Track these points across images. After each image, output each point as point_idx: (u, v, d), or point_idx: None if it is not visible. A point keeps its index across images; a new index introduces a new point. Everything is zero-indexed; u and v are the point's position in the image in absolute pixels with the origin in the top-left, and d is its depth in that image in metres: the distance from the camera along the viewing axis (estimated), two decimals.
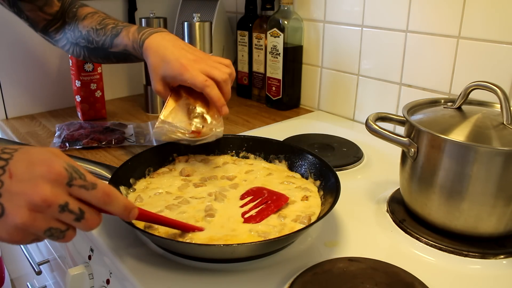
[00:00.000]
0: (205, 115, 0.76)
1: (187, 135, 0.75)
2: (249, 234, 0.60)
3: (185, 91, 0.77)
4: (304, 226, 0.60)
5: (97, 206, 0.45)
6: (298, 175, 0.77)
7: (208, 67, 0.72)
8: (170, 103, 0.76)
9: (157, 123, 0.74)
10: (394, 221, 0.69)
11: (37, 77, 1.19)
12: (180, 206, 0.67)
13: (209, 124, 0.76)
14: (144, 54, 0.76)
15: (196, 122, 0.75)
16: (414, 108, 0.71)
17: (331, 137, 0.99)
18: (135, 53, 0.79)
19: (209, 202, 0.68)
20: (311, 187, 0.72)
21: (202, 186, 0.73)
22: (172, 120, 0.74)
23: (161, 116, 0.74)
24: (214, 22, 1.26)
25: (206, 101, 0.77)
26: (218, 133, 0.76)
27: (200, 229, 0.60)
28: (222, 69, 0.73)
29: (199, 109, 0.76)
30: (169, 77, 0.73)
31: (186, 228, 0.60)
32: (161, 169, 0.78)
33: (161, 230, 0.61)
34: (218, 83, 0.72)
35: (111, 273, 0.64)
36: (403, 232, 0.66)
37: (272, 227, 0.62)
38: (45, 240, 1.11)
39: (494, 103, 0.69)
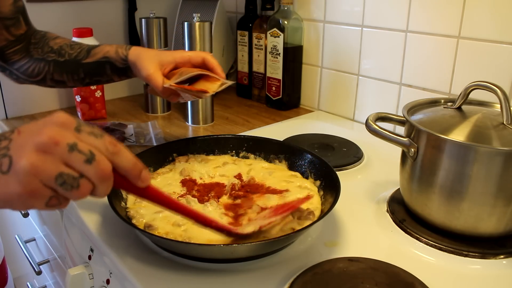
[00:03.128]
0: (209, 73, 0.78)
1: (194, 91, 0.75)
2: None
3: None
4: (304, 226, 0.60)
5: (105, 155, 0.42)
6: (298, 175, 0.77)
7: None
8: (167, 80, 0.77)
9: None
10: (394, 221, 0.69)
11: None
12: None
13: (213, 80, 0.78)
14: (132, 54, 0.81)
15: (201, 83, 0.77)
16: (414, 108, 0.71)
17: (331, 137, 0.99)
18: (116, 57, 0.82)
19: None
20: (311, 187, 0.72)
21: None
22: (183, 76, 0.76)
23: (166, 85, 0.75)
24: (214, 22, 1.26)
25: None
26: (226, 83, 0.78)
27: (234, 231, 0.57)
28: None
29: (196, 71, 0.78)
30: (166, 60, 0.79)
31: (208, 222, 0.55)
32: (161, 169, 0.78)
33: (160, 231, 0.61)
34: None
35: (111, 273, 0.64)
36: (403, 232, 0.66)
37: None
38: (45, 240, 1.11)
39: (494, 103, 0.69)
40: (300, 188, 0.72)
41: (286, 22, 1.13)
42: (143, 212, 0.65)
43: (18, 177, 0.39)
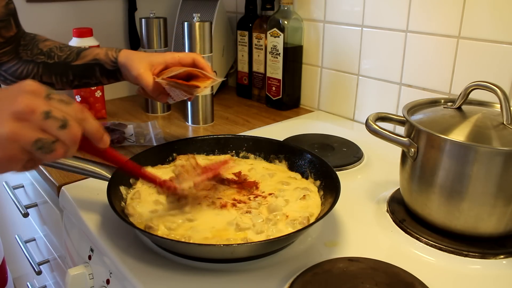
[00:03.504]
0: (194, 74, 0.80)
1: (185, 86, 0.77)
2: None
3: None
4: (304, 226, 0.60)
5: (75, 120, 0.46)
6: (298, 175, 0.77)
7: None
8: (157, 77, 0.78)
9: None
10: (394, 221, 0.69)
11: None
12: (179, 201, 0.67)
13: (203, 79, 0.79)
14: (122, 56, 0.81)
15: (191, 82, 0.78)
16: (414, 108, 0.71)
17: (331, 137, 0.99)
18: (106, 59, 0.82)
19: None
20: (311, 187, 0.72)
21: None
22: (174, 72, 0.77)
23: (157, 79, 0.77)
24: (214, 22, 1.26)
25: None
26: (219, 81, 0.81)
27: (174, 187, 0.63)
28: None
29: (187, 69, 0.79)
30: (156, 61, 0.80)
31: (153, 180, 0.62)
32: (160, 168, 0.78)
33: (160, 232, 0.61)
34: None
35: (111, 273, 0.64)
36: (403, 232, 0.66)
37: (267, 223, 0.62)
38: (45, 240, 1.11)
39: (494, 103, 0.69)
40: (298, 190, 0.72)
41: (286, 22, 1.13)
42: (140, 210, 0.65)
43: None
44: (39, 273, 1.07)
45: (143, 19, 1.12)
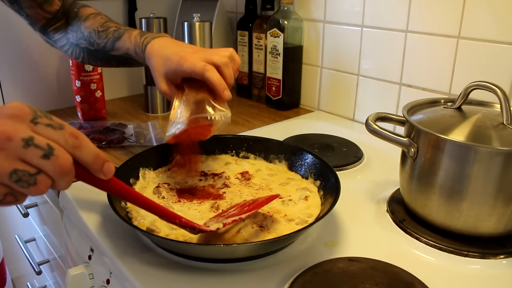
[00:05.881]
0: (210, 102, 0.73)
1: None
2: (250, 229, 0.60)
3: (189, 87, 0.74)
4: (304, 226, 0.60)
5: (65, 148, 0.40)
6: (298, 176, 0.77)
7: (206, 54, 0.71)
8: (177, 103, 0.74)
9: (168, 127, 0.73)
10: (394, 221, 0.69)
11: (37, 77, 1.19)
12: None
13: (216, 112, 0.73)
14: (147, 58, 0.77)
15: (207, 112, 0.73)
16: (414, 108, 0.71)
17: (331, 137, 0.99)
18: (137, 57, 0.80)
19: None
20: (311, 187, 0.72)
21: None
22: (181, 119, 0.72)
23: (171, 118, 0.73)
24: (214, 22, 1.26)
25: (210, 91, 0.73)
26: (226, 120, 0.74)
27: (198, 227, 0.56)
28: (221, 53, 0.72)
29: (202, 96, 0.73)
30: (170, 73, 0.72)
31: (172, 218, 0.55)
32: (160, 168, 0.78)
33: (162, 234, 0.61)
34: (218, 67, 0.70)
35: (111, 273, 0.64)
36: (403, 232, 0.66)
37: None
38: (45, 240, 1.11)
39: (494, 103, 0.69)
40: (300, 188, 0.72)
41: (286, 22, 1.13)
42: (144, 213, 0.65)
43: None
44: (39, 273, 1.07)
45: (143, 19, 1.12)
